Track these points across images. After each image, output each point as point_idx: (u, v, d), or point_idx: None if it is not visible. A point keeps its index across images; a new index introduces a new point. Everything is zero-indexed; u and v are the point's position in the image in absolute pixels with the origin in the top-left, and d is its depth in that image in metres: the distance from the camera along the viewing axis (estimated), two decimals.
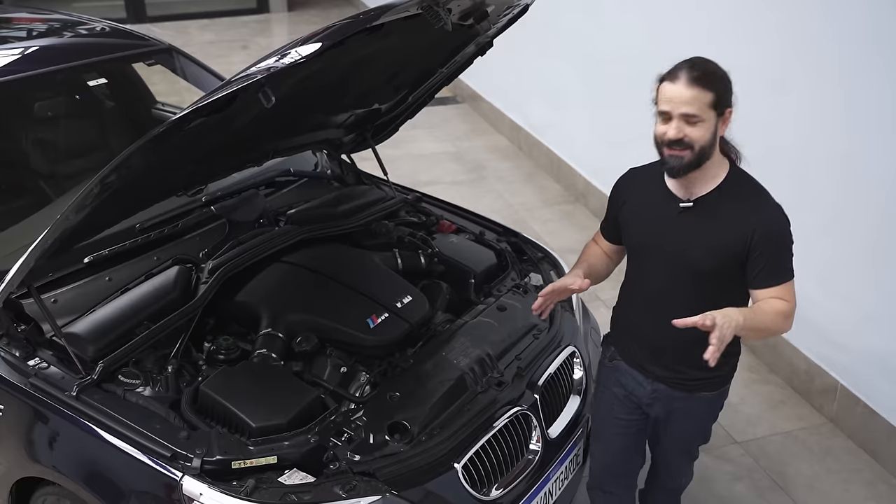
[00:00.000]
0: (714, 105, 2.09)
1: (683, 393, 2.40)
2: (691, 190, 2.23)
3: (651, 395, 2.44)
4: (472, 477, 2.32)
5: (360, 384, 2.49)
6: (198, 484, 2.06)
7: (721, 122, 2.14)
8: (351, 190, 3.41)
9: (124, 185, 2.10)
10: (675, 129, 2.10)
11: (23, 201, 3.20)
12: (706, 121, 2.09)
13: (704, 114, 2.08)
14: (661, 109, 2.13)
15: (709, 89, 2.08)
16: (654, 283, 2.33)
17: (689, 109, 2.08)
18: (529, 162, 6.49)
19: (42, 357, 2.37)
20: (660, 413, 2.47)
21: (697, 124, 2.09)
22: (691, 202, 2.22)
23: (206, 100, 1.93)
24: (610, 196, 2.47)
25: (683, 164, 2.14)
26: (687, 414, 2.46)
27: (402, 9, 2.12)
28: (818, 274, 3.63)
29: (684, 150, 2.11)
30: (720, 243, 2.19)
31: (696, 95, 2.07)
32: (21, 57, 3.39)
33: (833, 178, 3.46)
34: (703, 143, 2.11)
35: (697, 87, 2.07)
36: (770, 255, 2.18)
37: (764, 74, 3.75)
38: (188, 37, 9.94)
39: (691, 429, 2.54)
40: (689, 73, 2.08)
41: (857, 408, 3.53)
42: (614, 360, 2.53)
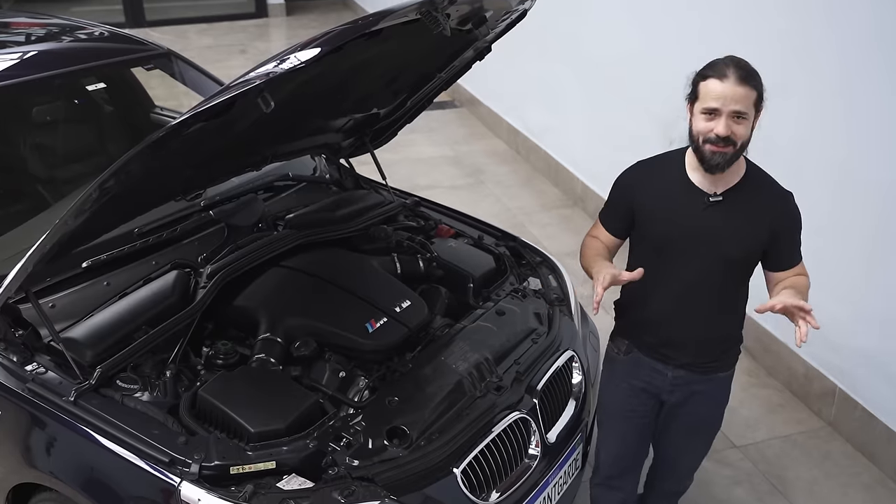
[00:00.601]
0: (756, 103, 2.16)
1: (702, 376, 2.48)
2: (718, 183, 2.27)
3: (672, 383, 2.49)
4: (471, 482, 2.31)
5: (359, 389, 2.49)
6: (196, 489, 2.06)
7: (757, 120, 2.20)
8: (349, 194, 3.41)
9: (123, 189, 2.10)
10: (724, 127, 2.14)
11: (21, 206, 3.20)
12: (749, 118, 2.16)
13: (750, 111, 2.15)
14: (709, 107, 2.15)
15: (755, 87, 2.14)
16: (684, 277, 2.35)
17: (739, 107, 2.13)
18: (527, 166, 6.49)
19: (40, 362, 2.37)
20: (678, 399, 2.52)
21: (743, 122, 2.15)
22: (720, 196, 2.27)
23: (206, 105, 1.92)
24: (616, 189, 2.47)
25: (726, 160, 2.19)
26: (704, 395, 2.52)
27: (401, 14, 2.12)
28: (815, 277, 3.61)
29: (728, 146, 2.16)
30: (751, 232, 2.29)
31: (747, 94, 2.13)
32: (20, 61, 3.38)
33: (831, 181, 3.47)
34: (746, 139, 2.18)
35: (747, 85, 2.12)
36: (791, 237, 2.35)
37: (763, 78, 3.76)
38: (186, 41, 9.94)
39: (709, 412, 2.60)
40: (737, 71, 2.13)
41: (856, 411, 3.53)
42: (630, 353, 2.54)
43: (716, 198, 2.27)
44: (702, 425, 2.62)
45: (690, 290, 2.35)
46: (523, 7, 2.81)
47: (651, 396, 2.54)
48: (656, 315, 2.44)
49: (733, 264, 2.33)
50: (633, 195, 2.41)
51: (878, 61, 3.18)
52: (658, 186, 2.37)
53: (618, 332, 2.61)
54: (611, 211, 2.50)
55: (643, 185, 2.40)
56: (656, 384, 2.51)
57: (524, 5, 2.80)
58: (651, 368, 2.50)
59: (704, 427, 2.64)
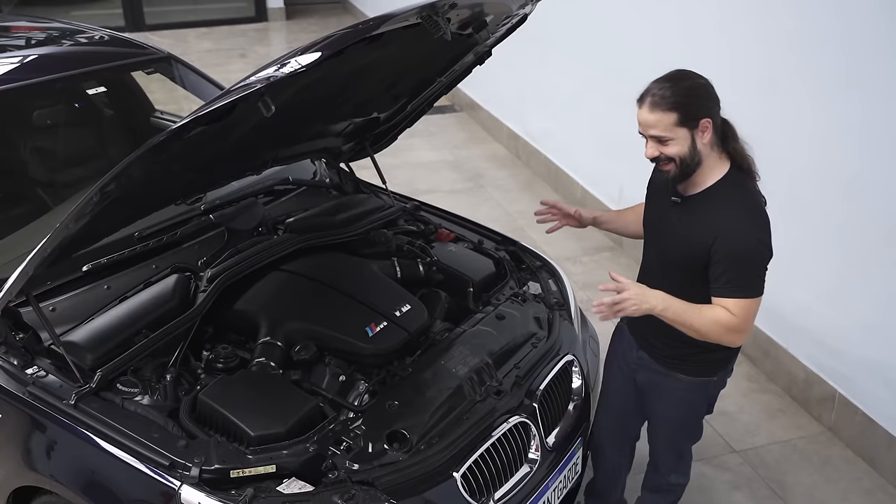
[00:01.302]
0: (681, 123, 2.18)
1: (661, 367, 2.55)
2: (687, 188, 2.35)
3: (636, 361, 2.63)
4: (471, 486, 2.31)
5: (359, 393, 2.49)
6: (196, 493, 2.06)
7: (699, 134, 2.21)
8: (349, 198, 3.41)
9: (124, 193, 2.10)
10: (650, 149, 2.25)
11: (21, 209, 3.20)
12: (677, 138, 2.19)
13: (672, 133, 2.19)
14: (639, 131, 2.26)
15: (670, 110, 2.17)
16: (646, 264, 2.56)
17: (655, 132, 2.20)
18: (527, 171, 6.50)
19: (40, 365, 2.37)
20: (643, 383, 2.64)
21: (669, 143, 2.20)
22: (679, 199, 2.36)
23: (207, 108, 1.93)
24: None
25: (671, 176, 2.28)
26: (664, 391, 2.59)
27: (401, 18, 2.13)
28: (816, 283, 3.64)
29: (668, 164, 2.24)
30: (690, 241, 2.31)
31: (660, 119, 2.18)
32: (20, 65, 3.39)
33: (830, 187, 3.47)
34: (683, 156, 2.22)
35: (657, 111, 2.18)
36: (727, 267, 2.24)
37: (767, 86, 3.77)
38: (186, 45, 9.96)
39: (670, 411, 2.63)
40: (651, 97, 2.19)
41: (856, 417, 3.53)
42: (622, 322, 2.73)
43: (676, 199, 2.37)
44: (660, 422, 2.70)
45: (653, 278, 2.44)
46: (523, 11, 2.82)
47: (627, 369, 2.69)
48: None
49: (680, 266, 2.36)
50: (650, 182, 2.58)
51: (883, 61, 3.19)
52: (657, 179, 2.51)
53: None
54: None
55: (654, 177, 2.55)
56: (628, 359, 2.67)
57: (524, 10, 2.80)
58: (628, 342, 2.67)
59: (663, 424, 2.70)
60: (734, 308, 2.25)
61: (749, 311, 2.27)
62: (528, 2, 2.74)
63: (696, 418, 2.68)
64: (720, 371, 2.56)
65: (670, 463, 2.79)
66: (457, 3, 2.30)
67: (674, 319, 2.29)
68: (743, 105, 3.85)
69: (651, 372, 2.59)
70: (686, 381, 2.53)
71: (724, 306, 2.26)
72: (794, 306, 3.78)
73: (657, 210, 2.48)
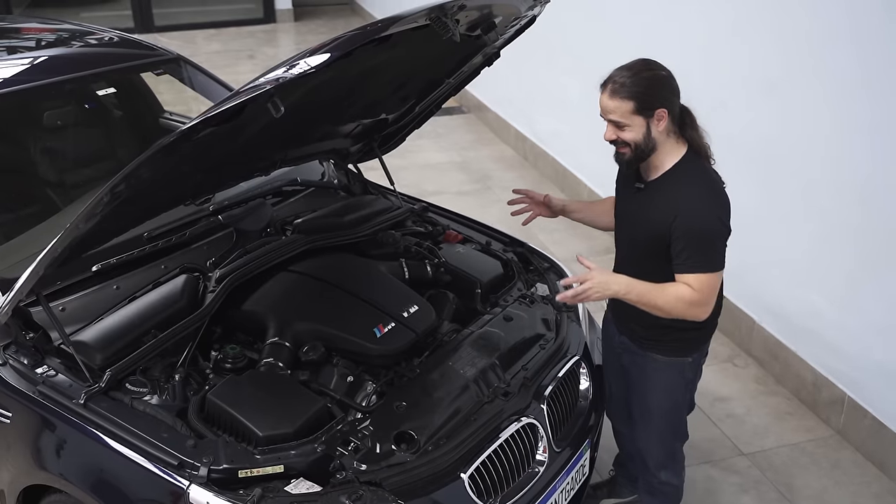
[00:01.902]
0: (637, 111, 2.32)
1: (638, 348, 2.66)
2: (648, 173, 2.48)
3: (620, 346, 2.75)
4: (479, 487, 2.32)
5: (367, 393, 2.49)
6: (204, 492, 2.07)
7: (654, 122, 2.34)
8: (357, 199, 3.42)
9: (133, 193, 2.11)
10: (608, 132, 2.39)
11: (31, 210, 3.22)
12: (633, 125, 2.33)
13: (629, 120, 2.33)
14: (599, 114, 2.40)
15: (628, 99, 2.31)
16: (618, 250, 2.67)
17: (613, 118, 2.35)
18: (535, 172, 6.50)
19: (50, 365, 2.38)
20: (628, 367, 2.74)
21: (627, 129, 2.34)
22: (642, 185, 2.49)
23: (216, 109, 1.93)
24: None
25: (625, 160, 2.41)
26: (643, 373, 2.68)
27: (410, 20, 2.13)
28: (824, 285, 3.63)
29: (624, 147, 2.38)
30: (652, 222, 2.42)
31: (617, 105, 2.32)
32: (31, 66, 3.41)
33: (839, 188, 3.46)
34: (638, 142, 2.36)
35: (616, 98, 2.32)
36: (686, 244, 2.36)
37: (773, 85, 3.76)
38: (195, 47, 9.99)
39: (650, 394, 2.70)
40: (612, 84, 2.33)
41: (865, 420, 3.51)
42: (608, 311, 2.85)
43: (638, 185, 2.50)
44: (642, 408, 2.76)
45: (624, 263, 2.60)
46: (532, 13, 2.82)
47: (613, 356, 2.82)
48: None
49: (648, 248, 2.47)
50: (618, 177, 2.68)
51: (889, 60, 3.18)
52: (623, 173, 2.60)
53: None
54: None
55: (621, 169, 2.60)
56: (612, 344, 2.80)
57: (533, 11, 2.81)
58: (611, 328, 2.80)
59: (645, 411, 2.75)
60: (695, 283, 2.36)
61: (709, 286, 2.37)
62: (537, 3, 2.75)
63: (676, 405, 2.73)
64: (694, 353, 2.64)
65: (660, 458, 2.82)
66: (466, 5, 2.31)
67: (638, 301, 2.40)
68: (756, 106, 3.86)
69: (632, 354, 2.70)
70: (662, 362, 2.63)
71: (686, 282, 2.37)
72: (803, 309, 3.77)
73: (624, 198, 2.61)
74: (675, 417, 2.76)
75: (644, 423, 2.78)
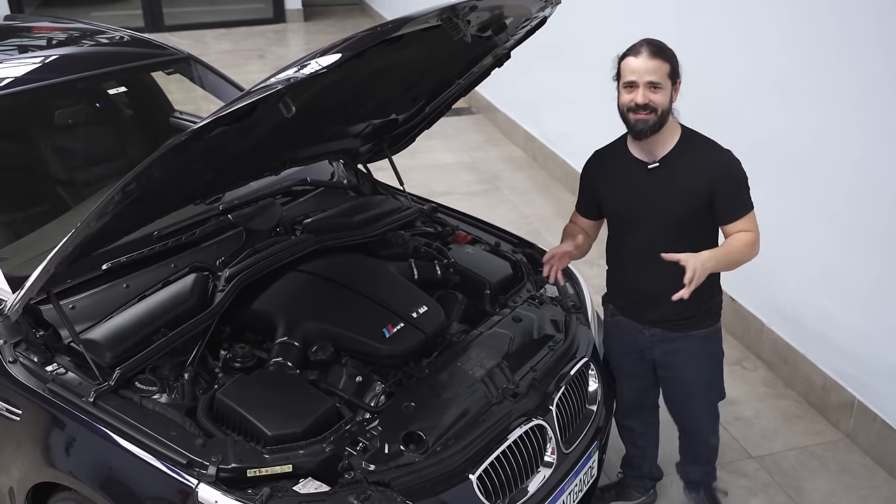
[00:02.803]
0: (670, 75, 2.46)
1: (678, 333, 2.71)
2: (653, 152, 2.56)
3: (650, 340, 2.75)
4: (487, 488, 2.31)
5: (376, 394, 2.49)
6: (213, 491, 2.07)
7: (675, 91, 2.49)
8: (367, 200, 3.42)
9: (144, 192, 2.11)
10: (641, 96, 2.45)
11: (42, 208, 3.23)
12: (665, 88, 2.45)
13: (664, 81, 2.45)
14: (628, 80, 2.47)
15: (666, 61, 2.45)
16: (641, 239, 2.63)
17: (652, 78, 2.44)
18: (544, 173, 6.49)
19: (60, 363, 2.39)
20: (659, 357, 2.77)
21: (659, 91, 2.45)
22: (657, 162, 2.56)
23: (228, 109, 1.94)
24: (582, 177, 2.83)
25: (649, 125, 2.48)
26: (687, 354, 2.74)
27: (421, 20, 2.13)
28: (834, 288, 3.61)
29: (649, 113, 2.46)
30: (691, 191, 2.53)
31: (659, 66, 2.44)
32: (42, 65, 3.42)
33: (849, 190, 3.45)
34: (665, 107, 2.47)
35: (658, 58, 2.44)
36: (732, 191, 2.53)
37: (784, 89, 3.75)
38: (205, 46, 10.01)
39: (694, 369, 2.78)
40: (649, 47, 2.46)
41: (875, 424, 3.50)
42: (615, 317, 2.85)
43: (654, 165, 2.57)
44: (692, 387, 2.83)
45: (649, 253, 2.57)
46: (543, 14, 2.82)
47: (638, 355, 2.81)
48: (625, 278, 2.75)
49: (682, 223, 2.56)
50: (593, 180, 2.75)
51: None
52: (610, 168, 2.70)
53: (604, 297, 2.91)
54: (580, 198, 2.86)
55: (599, 170, 2.74)
56: (638, 342, 2.79)
57: (544, 12, 2.80)
58: (631, 328, 2.78)
59: (695, 389, 2.84)
60: (749, 224, 2.55)
61: (755, 221, 2.57)
62: (548, 4, 2.74)
63: (720, 368, 2.84)
64: (720, 312, 2.77)
65: (711, 424, 2.95)
66: (477, 6, 2.30)
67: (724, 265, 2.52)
68: (769, 108, 3.84)
69: (668, 343, 2.73)
70: (702, 335, 2.73)
71: (742, 227, 2.53)
72: (813, 312, 3.76)
73: (633, 188, 2.61)
74: (721, 380, 2.86)
75: (696, 401, 2.87)
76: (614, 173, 2.67)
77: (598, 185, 2.72)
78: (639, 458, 3.14)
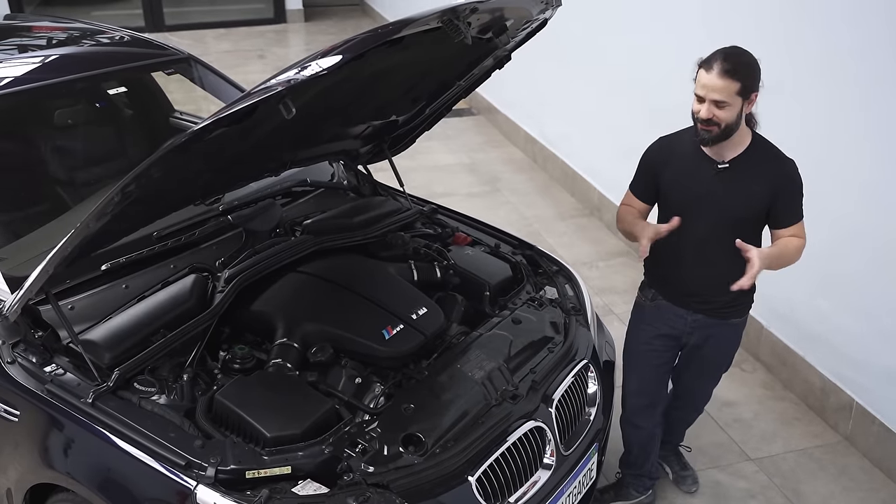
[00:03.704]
0: (740, 93, 2.46)
1: (718, 320, 2.84)
2: (723, 154, 2.63)
3: (692, 325, 2.86)
4: (486, 490, 2.31)
5: (375, 395, 2.49)
6: (212, 493, 2.07)
7: (747, 104, 2.51)
8: (367, 201, 3.42)
9: (144, 193, 2.11)
10: (706, 111, 2.49)
11: (42, 208, 3.23)
12: (733, 105, 2.47)
13: (731, 100, 2.46)
14: (697, 93, 2.51)
15: (736, 80, 2.44)
16: (700, 234, 2.69)
17: (718, 97, 2.45)
18: (544, 175, 6.49)
19: (58, 363, 2.39)
20: (696, 340, 2.89)
21: (725, 108, 2.47)
22: (727, 163, 2.63)
23: (228, 110, 1.93)
24: (644, 162, 2.84)
25: (711, 137, 2.54)
26: (720, 338, 2.90)
27: (422, 22, 2.13)
28: (833, 290, 3.61)
29: (712, 126, 2.51)
30: (755, 193, 2.62)
31: (726, 85, 2.44)
32: (42, 65, 3.42)
33: (848, 193, 3.45)
34: (729, 122, 2.50)
35: (727, 78, 2.44)
36: (790, 199, 2.64)
37: (788, 91, 3.75)
38: (205, 46, 10.01)
39: (722, 352, 2.98)
40: (721, 64, 2.44)
41: (873, 426, 3.50)
42: (656, 300, 2.91)
43: (723, 165, 2.63)
44: (714, 366, 3.04)
45: (706, 246, 2.70)
46: (543, 16, 2.82)
47: (672, 339, 2.91)
48: (678, 267, 2.79)
49: (741, 222, 2.65)
50: (656, 168, 2.78)
51: None
52: (676, 159, 2.73)
53: (647, 283, 2.96)
54: (639, 182, 2.86)
55: (664, 158, 2.77)
56: (678, 327, 2.88)
57: (544, 14, 2.80)
58: (673, 313, 2.87)
59: (716, 367, 3.05)
60: (801, 230, 2.69)
61: (804, 228, 2.70)
62: (549, 7, 2.74)
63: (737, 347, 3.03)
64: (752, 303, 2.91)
65: (709, 395, 3.18)
66: (478, 8, 2.30)
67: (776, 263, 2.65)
68: (766, 109, 3.84)
69: (707, 328, 2.85)
70: (738, 322, 2.90)
71: (795, 233, 2.67)
72: (812, 315, 3.76)
73: (699, 183, 2.66)
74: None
75: (710, 381, 3.11)
76: (681, 164, 2.71)
77: (664, 172, 2.76)
78: (642, 458, 3.17)
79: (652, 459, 3.18)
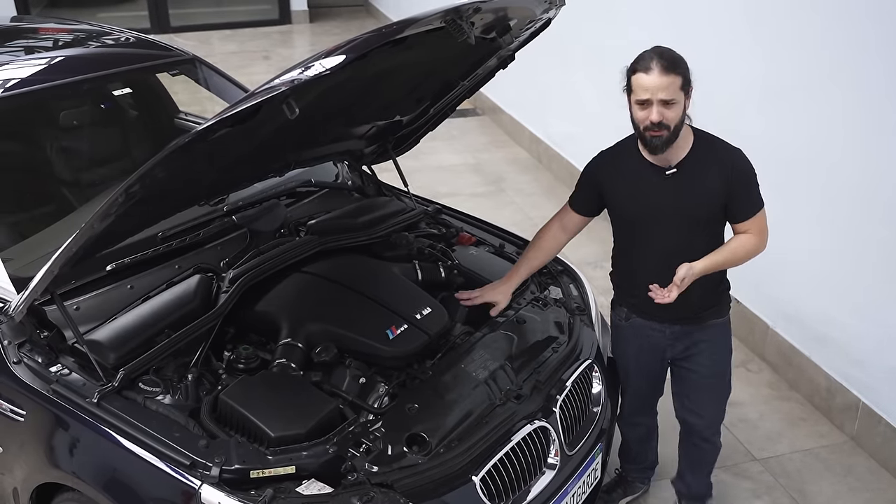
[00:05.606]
0: (683, 87, 2.40)
1: (696, 326, 2.73)
2: (668, 159, 2.54)
3: (670, 337, 2.76)
4: (490, 490, 2.31)
5: (379, 395, 2.50)
6: (216, 492, 2.07)
7: (688, 99, 2.44)
8: (371, 201, 3.42)
9: (149, 193, 2.12)
10: (656, 114, 2.40)
11: (47, 209, 3.24)
12: (679, 102, 2.41)
13: (677, 96, 2.40)
14: (640, 98, 2.42)
15: (678, 74, 2.39)
16: (660, 244, 2.62)
17: (665, 95, 2.38)
18: (549, 175, 6.49)
19: (64, 364, 2.40)
20: (679, 352, 2.79)
21: (673, 107, 2.40)
22: (674, 168, 2.54)
23: (232, 110, 1.94)
24: (585, 175, 2.79)
25: (663, 141, 2.44)
26: (707, 344, 2.77)
27: (425, 22, 2.13)
28: (839, 290, 3.60)
29: (662, 130, 2.42)
30: (709, 192, 2.53)
31: (671, 81, 2.38)
32: (48, 66, 3.43)
33: (852, 194, 3.44)
34: (678, 121, 2.44)
35: (670, 74, 2.37)
36: (745, 189, 2.55)
37: (787, 93, 3.74)
38: (210, 47, 10.03)
39: (713, 355, 2.80)
40: (659, 62, 2.38)
41: (879, 426, 3.49)
42: (630, 319, 2.82)
43: (671, 170, 2.54)
44: (711, 378, 2.83)
45: (668, 254, 2.59)
46: (547, 16, 2.82)
47: (657, 352, 2.81)
48: (644, 281, 2.62)
49: (700, 223, 2.58)
50: (601, 181, 2.71)
51: None
52: (621, 171, 2.66)
53: (616, 301, 2.89)
54: (579, 197, 2.82)
55: (608, 171, 2.70)
56: (658, 342, 2.78)
57: (548, 14, 2.80)
58: (650, 329, 2.77)
59: (713, 379, 2.84)
60: (759, 222, 2.57)
61: (764, 220, 2.58)
62: (552, 6, 2.74)
63: (730, 361, 2.87)
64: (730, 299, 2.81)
65: (719, 420, 2.94)
66: (481, 8, 2.30)
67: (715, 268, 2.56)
68: (772, 111, 3.83)
69: (688, 337, 2.75)
70: (720, 323, 2.76)
71: (752, 226, 2.56)
72: (817, 314, 3.75)
73: (650, 193, 2.58)
74: (730, 375, 2.88)
75: (710, 393, 2.87)
76: (628, 178, 2.63)
77: (607, 187, 2.69)
78: (643, 454, 3.17)
79: (653, 449, 3.19)
